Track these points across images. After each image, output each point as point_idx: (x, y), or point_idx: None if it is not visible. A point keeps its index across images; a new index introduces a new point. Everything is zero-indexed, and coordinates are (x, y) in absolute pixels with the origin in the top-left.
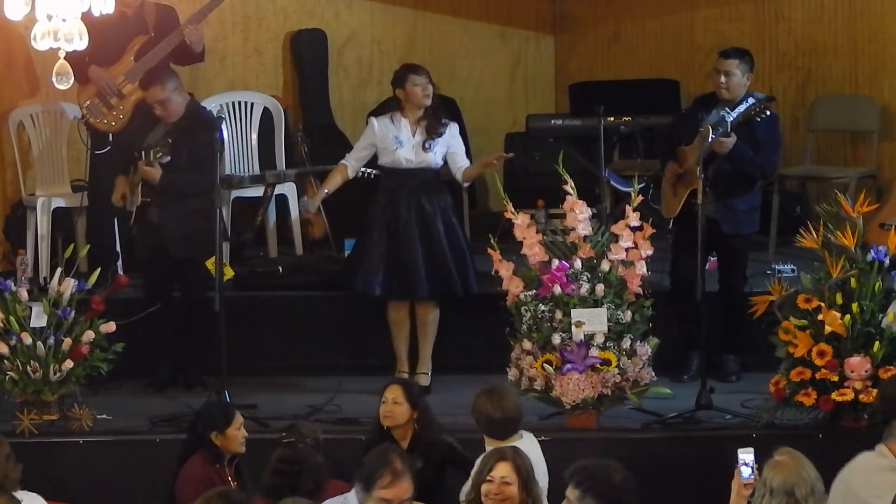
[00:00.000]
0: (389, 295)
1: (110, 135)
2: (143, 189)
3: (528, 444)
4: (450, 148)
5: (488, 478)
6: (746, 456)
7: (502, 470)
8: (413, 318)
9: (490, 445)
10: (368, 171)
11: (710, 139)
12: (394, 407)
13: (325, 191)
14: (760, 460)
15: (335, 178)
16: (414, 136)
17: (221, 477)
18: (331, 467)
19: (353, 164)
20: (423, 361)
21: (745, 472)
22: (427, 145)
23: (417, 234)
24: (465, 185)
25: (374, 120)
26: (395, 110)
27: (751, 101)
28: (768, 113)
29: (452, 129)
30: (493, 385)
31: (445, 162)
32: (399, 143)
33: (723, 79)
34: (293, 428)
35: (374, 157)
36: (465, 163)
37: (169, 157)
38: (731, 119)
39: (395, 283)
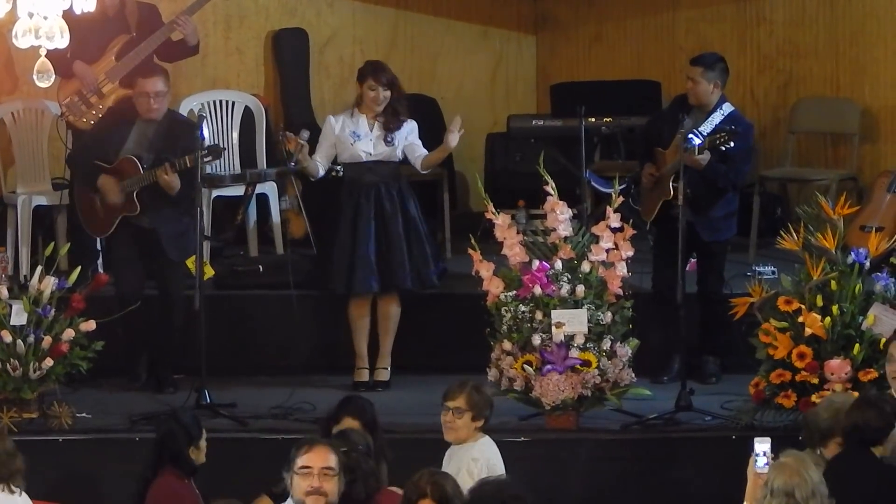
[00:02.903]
0: (351, 290)
1: (70, 134)
2: (138, 197)
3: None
4: (407, 140)
5: None
6: (761, 446)
7: None
8: (374, 314)
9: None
10: (339, 168)
11: (683, 148)
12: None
13: (307, 163)
14: (746, 462)
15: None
16: (372, 130)
17: (193, 491)
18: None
19: (320, 162)
20: (384, 357)
21: (760, 462)
22: (389, 138)
23: (374, 228)
24: (424, 171)
25: (330, 117)
26: (354, 105)
27: (725, 108)
28: (732, 144)
29: (410, 125)
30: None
31: (405, 158)
32: (356, 136)
33: (689, 84)
34: (343, 435)
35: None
36: (423, 151)
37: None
38: (699, 143)
39: (354, 278)
